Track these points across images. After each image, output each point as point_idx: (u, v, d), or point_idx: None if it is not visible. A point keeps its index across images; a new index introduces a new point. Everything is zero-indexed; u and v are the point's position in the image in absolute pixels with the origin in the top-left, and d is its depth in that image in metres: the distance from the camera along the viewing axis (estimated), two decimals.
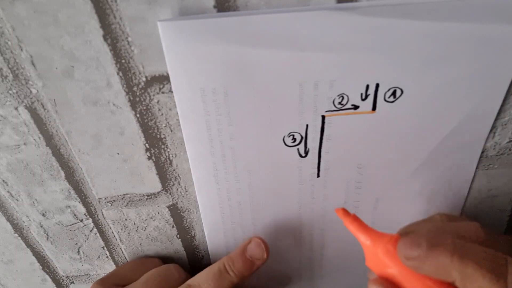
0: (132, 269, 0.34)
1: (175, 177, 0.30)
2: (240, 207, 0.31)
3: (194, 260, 0.37)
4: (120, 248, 0.36)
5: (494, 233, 0.24)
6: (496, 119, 0.27)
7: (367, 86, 0.25)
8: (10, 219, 0.34)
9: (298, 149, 0.28)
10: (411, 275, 0.23)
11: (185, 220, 0.34)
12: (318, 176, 0.29)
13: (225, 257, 0.31)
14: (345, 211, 0.25)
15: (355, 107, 0.26)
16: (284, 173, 0.29)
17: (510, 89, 0.25)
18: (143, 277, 0.32)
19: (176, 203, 0.33)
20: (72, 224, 0.34)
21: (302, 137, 0.27)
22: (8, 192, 0.31)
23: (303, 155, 0.28)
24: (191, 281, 0.30)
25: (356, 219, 0.25)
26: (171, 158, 0.29)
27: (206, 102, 0.25)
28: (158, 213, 0.33)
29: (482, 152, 0.29)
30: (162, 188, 0.31)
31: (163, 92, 0.26)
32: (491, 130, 0.28)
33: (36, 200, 0.32)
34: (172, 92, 0.25)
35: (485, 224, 0.34)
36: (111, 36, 0.23)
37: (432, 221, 0.27)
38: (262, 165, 0.29)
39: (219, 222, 0.33)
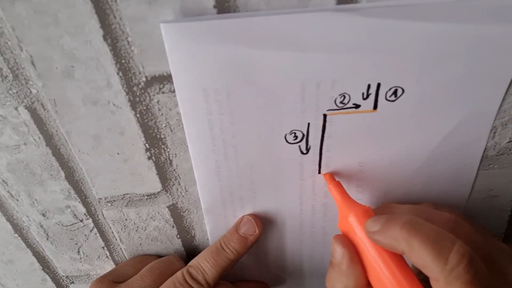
0: (131, 266, 0.35)
1: (175, 177, 0.30)
2: (242, 203, 0.32)
3: None
4: (120, 248, 0.36)
5: (470, 227, 0.24)
6: (496, 119, 0.27)
7: (369, 86, 0.25)
8: (10, 219, 0.34)
9: (299, 146, 0.28)
10: (371, 246, 0.24)
11: (185, 220, 0.34)
12: (319, 172, 0.30)
13: (221, 237, 0.33)
14: (331, 176, 0.29)
15: (357, 106, 0.26)
16: (285, 169, 0.29)
17: (509, 89, 0.25)
18: (144, 268, 0.33)
19: (176, 203, 0.33)
20: (72, 224, 0.34)
21: (303, 135, 0.27)
22: (8, 192, 0.31)
23: (304, 152, 0.28)
24: (191, 262, 0.32)
25: (339, 185, 0.28)
26: (171, 158, 0.29)
27: (208, 102, 0.25)
28: (158, 213, 0.33)
29: (483, 152, 0.29)
30: (162, 188, 0.31)
31: (163, 92, 0.26)
32: (491, 130, 0.28)
33: (36, 200, 0.32)
34: (172, 92, 0.25)
35: (485, 224, 0.34)
36: (111, 36, 0.23)
37: (412, 204, 0.28)
38: (264, 161, 0.29)
39: (221, 219, 0.33)
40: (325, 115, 0.26)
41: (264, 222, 0.33)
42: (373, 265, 0.24)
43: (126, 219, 0.34)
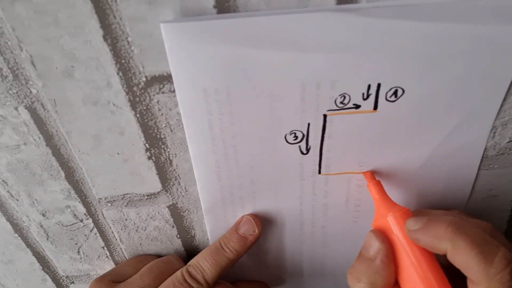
0: (131, 266, 0.35)
1: (175, 177, 0.30)
2: (242, 203, 0.32)
3: None
4: (120, 248, 0.36)
5: (504, 238, 0.25)
6: (496, 119, 0.27)
7: (369, 86, 0.25)
8: (10, 219, 0.34)
9: (299, 146, 0.28)
10: (410, 245, 0.25)
11: (185, 220, 0.34)
12: (319, 172, 0.30)
13: (220, 237, 0.33)
14: (372, 175, 0.29)
15: (357, 106, 0.26)
16: (285, 170, 0.29)
17: (510, 89, 0.25)
18: (143, 268, 0.33)
19: (176, 203, 0.33)
20: (72, 224, 0.34)
21: (303, 135, 0.27)
22: (8, 192, 0.31)
23: (305, 152, 0.28)
24: (190, 262, 0.32)
25: (379, 184, 0.28)
26: (171, 158, 0.29)
27: (208, 102, 0.25)
28: (158, 213, 0.33)
29: (483, 152, 0.29)
30: (162, 188, 0.31)
31: (163, 92, 0.26)
32: (491, 130, 0.28)
33: (36, 200, 0.32)
34: (172, 92, 0.25)
35: None
36: (111, 36, 0.23)
37: (447, 212, 0.28)
38: (264, 161, 0.29)
39: (221, 219, 0.33)
40: (325, 115, 0.26)
41: (264, 222, 0.33)
42: (407, 265, 0.24)
43: (126, 219, 0.34)
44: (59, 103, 0.26)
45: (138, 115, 0.27)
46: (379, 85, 0.25)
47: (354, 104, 0.26)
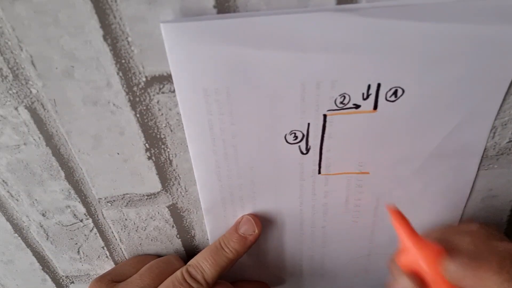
0: (131, 265, 0.35)
1: (175, 177, 0.30)
2: (242, 203, 0.32)
3: None
4: (120, 248, 0.36)
5: None
6: (496, 119, 0.27)
7: (369, 86, 0.25)
8: (10, 219, 0.34)
9: (299, 146, 0.28)
10: (445, 285, 0.24)
11: (185, 220, 0.34)
12: (319, 172, 0.30)
13: (220, 237, 0.33)
14: (397, 211, 0.27)
15: (357, 106, 0.26)
16: (285, 170, 0.29)
17: (509, 89, 0.25)
18: (143, 268, 0.33)
19: (176, 203, 0.33)
20: (72, 224, 0.34)
21: (303, 135, 0.27)
22: (8, 192, 0.31)
23: (304, 152, 0.28)
24: (190, 262, 0.32)
25: (405, 220, 0.26)
26: (171, 158, 0.29)
27: (208, 102, 0.25)
28: (158, 213, 0.33)
29: (482, 152, 0.29)
30: (162, 188, 0.31)
31: (163, 92, 0.26)
32: (491, 130, 0.28)
33: (36, 200, 0.32)
34: (172, 92, 0.25)
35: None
36: (111, 36, 0.23)
37: (469, 234, 0.28)
38: (264, 161, 0.29)
39: (221, 219, 0.33)
40: (325, 115, 0.26)
41: (264, 222, 0.33)
42: None
43: (126, 219, 0.34)
44: (59, 103, 0.26)
45: (138, 115, 0.27)
46: (379, 85, 0.25)
47: (354, 104, 0.26)
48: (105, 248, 0.36)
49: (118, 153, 0.29)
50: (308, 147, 0.28)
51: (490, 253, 0.25)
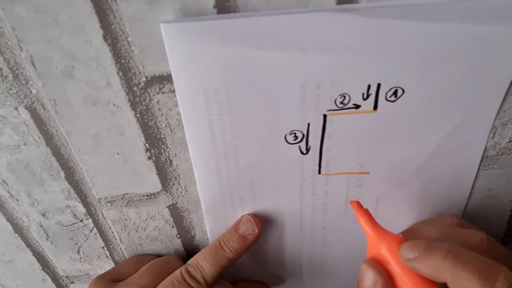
0: (131, 265, 0.35)
1: (175, 177, 0.30)
2: (242, 203, 0.32)
3: None
4: (120, 248, 0.36)
5: (502, 247, 0.24)
6: (496, 119, 0.27)
7: (369, 86, 0.25)
8: (10, 219, 0.34)
9: (299, 146, 0.28)
10: (408, 274, 0.24)
11: (185, 220, 0.34)
12: (319, 173, 0.30)
13: (220, 236, 0.33)
14: (359, 204, 0.27)
15: (357, 106, 0.26)
16: (285, 170, 0.29)
17: (509, 89, 0.25)
18: (143, 267, 0.33)
19: (176, 203, 0.33)
20: (72, 224, 0.34)
21: (303, 135, 0.27)
22: (8, 192, 0.31)
23: (304, 152, 0.28)
24: (189, 261, 0.32)
25: (367, 214, 0.27)
26: (171, 158, 0.29)
27: (208, 102, 0.25)
28: (158, 213, 0.33)
29: (482, 152, 0.29)
30: (162, 188, 0.31)
31: (163, 92, 0.26)
32: (491, 130, 0.28)
33: (36, 200, 0.32)
34: (172, 92, 0.25)
35: (485, 224, 0.34)
36: (111, 36, 0.23)
37: (439, 224, 0.27)
38: (264, 161, 0.29)
39: (221, 219, 0.33)
40: (325, 115, 0.26)
41: (264, 222, 0.33)
42: None
43: (126, 219, 0.34)
44: (59, 103, 0.26)
45: (138, 115, 0.27)
46: (379, 85, 0.25)
47: (354, 104, 0.26)
48: (105, 248, 0.36)
49: (118, 153, 0.29)
50: (308, 147, 0.28)
51: (452, 240, 0.24)
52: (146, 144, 0.28)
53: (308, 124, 0.27)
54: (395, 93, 0.25)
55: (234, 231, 0.32)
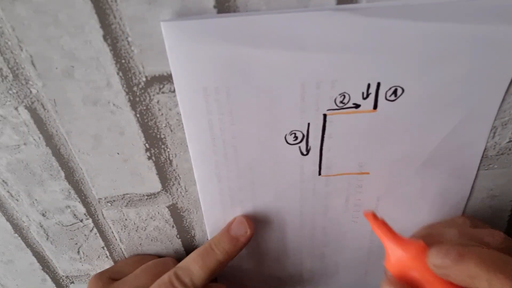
0: (130, 265, 0.35)
1: (175, 177, 0.30)
2: (242, 203, 0.32)
3: None
4: (120, 248, 0.36)
5: None
6: (496, 119, 0.27)
7: (369, 85, 0.25)
8: (10, 219, 0.34)
9: (299, 147, 0.28)
10: (437, 281, 0.24)
11: (185, 220, 0.34)
12: (320, 174, 0.29)
13: (210, 238, 0.32)
14: (374, 216, 0.27)
15: (357, 106, 0.26)
16: (285, 171, 0.29)
17: (509, 89, 0.25)
18: (139, 268, 0.33)
19: (176, 203, 0.33)
20: (72, 224, 0.34)
21: (303, 135, 0.27)
22: (8, 192, 0.31)
23: (305, 153, 0.28)
24: (179, 264, 0.31)
25: (384, 224, 0.26)
26: (171, 158, 0.29)
27: (208, 102, 0.25)
28: (158, 213, 0.33)
29: (482, 152, 0.29)
30: (162, 188, 0.31)
31: (163, 92, 0.26)
32: (491, 130, 0.28)
33: (36, 200, 0.32)
34: (172, 92, 0.25)
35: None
36: (111, 36, 0.23)
37: (455, 226, 0.27)
38: (264, 162, 0.29)
39: (221, 220, 0.33)
40: (325, 115, 0.26)
41: (264, 222, 0.33)
42: None
43: (126, 219, 0.34)
44: (59, 103, 0.26)
45: (138, 115, 0.27)
46: (378, 85, 0.25)
47: (354, 104, 0.25)
48: (105, 248, 0.36)
49: (118, 153, 0.29)
50: (308, 147, 0.28)
51: (473, 242, 0.24)
52: (146, 144, 0.28)
53: (308, 124, 0.27)
54: (395, 92, 0.25)
55: (225, 232, 0.32)
